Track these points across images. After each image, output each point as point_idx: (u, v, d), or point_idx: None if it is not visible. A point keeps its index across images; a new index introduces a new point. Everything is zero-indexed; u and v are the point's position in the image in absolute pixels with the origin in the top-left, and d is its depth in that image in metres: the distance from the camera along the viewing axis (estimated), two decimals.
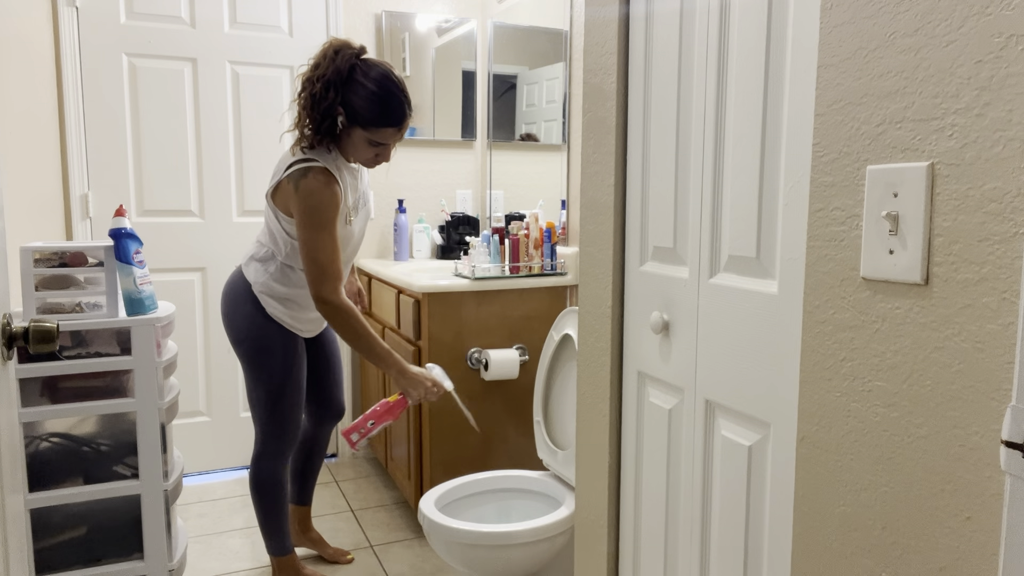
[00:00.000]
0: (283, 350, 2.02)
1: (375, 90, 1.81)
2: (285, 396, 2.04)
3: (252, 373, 2.03)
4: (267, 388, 2.02)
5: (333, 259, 1.83)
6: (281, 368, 2.02)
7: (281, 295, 1.99)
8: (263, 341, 2.00)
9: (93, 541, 1.79)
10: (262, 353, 2.00)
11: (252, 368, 2.02)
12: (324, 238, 1.81)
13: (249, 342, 2.00)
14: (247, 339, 2.00)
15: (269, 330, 2.00)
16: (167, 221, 2.98)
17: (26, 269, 1.65)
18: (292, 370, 2.04)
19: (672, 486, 1.34)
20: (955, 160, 0.75)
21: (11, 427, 1.00)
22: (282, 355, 2.02)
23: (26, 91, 2.35)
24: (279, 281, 1.98)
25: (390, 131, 1.86)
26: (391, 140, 1.89)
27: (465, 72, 3.32)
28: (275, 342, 2.01)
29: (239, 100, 3.04)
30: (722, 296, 1.18)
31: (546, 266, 2.51)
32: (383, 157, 1.92)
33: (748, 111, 1.10)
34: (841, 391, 0.90)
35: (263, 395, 2.02)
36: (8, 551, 0.96)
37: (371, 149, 1.88)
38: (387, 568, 2.35)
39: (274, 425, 2.05)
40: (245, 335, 2.00)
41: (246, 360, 2.02)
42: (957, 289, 0.76)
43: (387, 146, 1.90)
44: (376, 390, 2.96)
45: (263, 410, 2.04)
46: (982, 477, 0.74)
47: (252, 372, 2.03)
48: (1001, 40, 0.70)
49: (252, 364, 2.01)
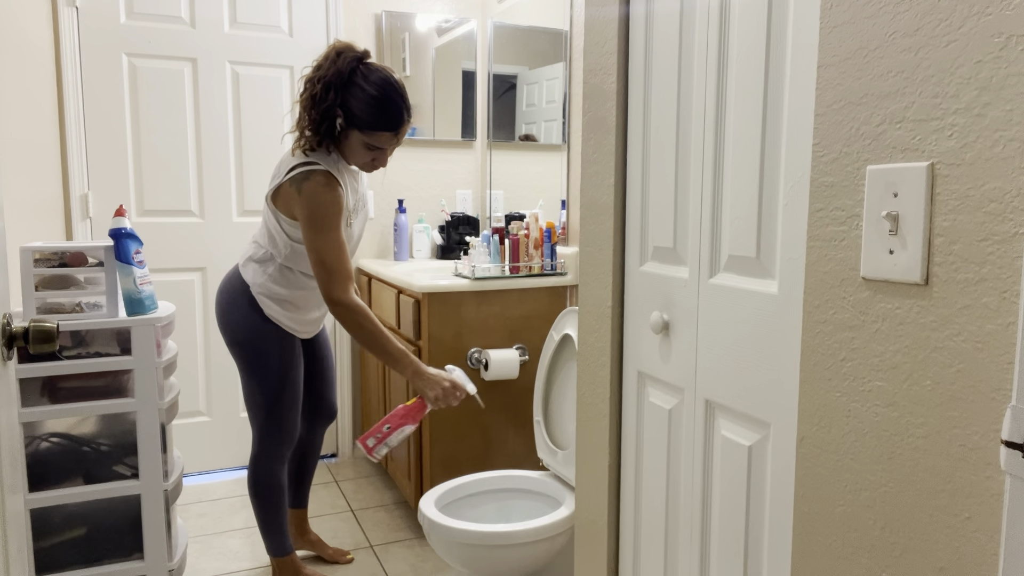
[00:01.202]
0: (280, 351, 2.01)
1: (374, 94, 1.81)
2: (283, 397, 2.03)
3: (249, 374, 2.02)
4: (264, 389, 2.01)
5: (341, 260, 1.83)
6: (279, 369, 2.01)
7: (279, 296, 1.98)
8: (261, 342, 1.99)
9: (93, 541, 1.79)
10: (260, 354, 1.99)
11: (249, 369, 2.01)
12: (330, 240, 1.81)
13: (247, 343, 1.99)
14: (244, 340, 1.99)
15: (267, 331, 1.99)
16: (167, 221, 2.98)
17: (26, 269, 1.65)
18: (290, 371, 2.04)
19: (672, 486, 1.34)
20: (955, 160, 0.75)
21: (11, 427, 1.00)
22: (279, 356, 2.01)
23: (26, 91, 2.35)
24: (277, 282, 1.98)
25: (387, 135, 1.86)
26: (388, 145, 1.88)
27: (465, 72, 3.32)
28: (272, 343, 2.00)
29: (239, 100, 3.04)
30: (722, 296, 1.18)
31: (546, 266, 2.51)
32: (380, 162, 1.91)
33: (748, 111, 1.10)
34: (841, 391, 0.90)
35: (260, 396, 2.02)
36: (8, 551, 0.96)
37: (368, 153, 1.88)
38: (387, 568, 2.35)
39: (272, 426, 2.04)
40: (243, 336, 1.99)
41: (243, 361, 2.01)
42: (957, 289, 0.76)
43: (384, 151, 1.89)
44: (376, 390, 2.96)
45: (260, 411, 2.03)
46: (982, 477, 0.74)
47: (249, 373, 2.02)
48: (1001, 40, 0.70)
49: (249, 365, 2.01)
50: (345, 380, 3.29)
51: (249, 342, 1.99)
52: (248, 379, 2.03)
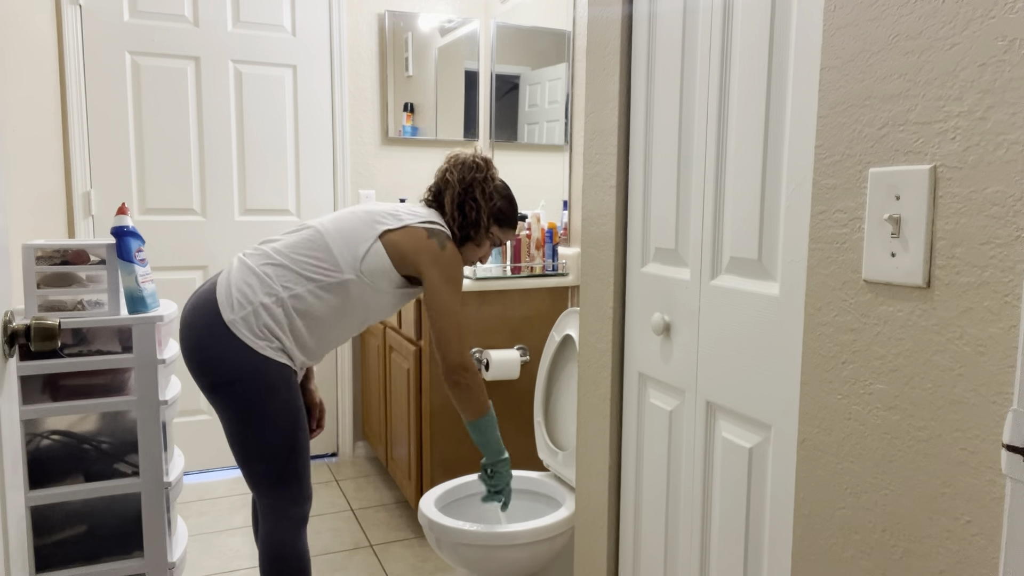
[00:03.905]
0: (287, 384, 1.62)
1: None
2: (298, 442, 1.64)
3: (254, 423, 1.58)
4: (276, 437, 1.60)
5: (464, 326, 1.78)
6: (287, 407, 1.61)
7: (316, 317, 1.65)
8: (264, 377, 1.58)
9: (93, 539, 1.79)
10: (266, 392, 1.58)
11: (253, 416, 1.58)
12: (459, 304, 1.75)
13: (247, 381, 1.57)
14: (244, 378, 1.56)
15: (268, 364, 1.59)
16: (169, 219, 2.98)
17: (28, 266, 1.66)
18: (300, 408, 1.65)
19: (672, 488, 1.34)
20: (957, 163, 0.75)
21: (12, 424, 1.00)
22: (287, 390, 1.61)
23: (29, 89, 2.36)
24: (313, 305, 1.64)
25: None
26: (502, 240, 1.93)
27: (468, 72, 3.32)
28: (276, 376, 1.60)
29: (241, 99, 3.04)
30: (723, 298, 1.18)
31: (547, 267, 2.51)
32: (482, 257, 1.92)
33: (751, 113, 1.10)
34: (842, 393, 0.90)
35: (273, 447, 1.60)
36: (8, 548, 0.97)
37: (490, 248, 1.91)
38: (387, 568, 2.35)
39: (292, 483, 1.63)
40: (241, 372, 1.56)
41: (242, 406, 1.58)
42: (959, 292, 0.75)
43: None
44: (376, 390, 2.96)
45: (274, 466, 1.61)
46: (983, 481, 0.74)
47: (254, 421, 1.58)
48: (1004, 43, 0.70)
49: (252, 410, 1.58)
50: (345, 380, 3.29)
51: (251, 379, 1.58)
52: (251, 429, 1.59)
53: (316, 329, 1.66)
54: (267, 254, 1.66)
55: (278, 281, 1.62)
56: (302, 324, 1.63)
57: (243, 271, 1.63)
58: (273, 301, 1.60)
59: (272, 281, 1.61)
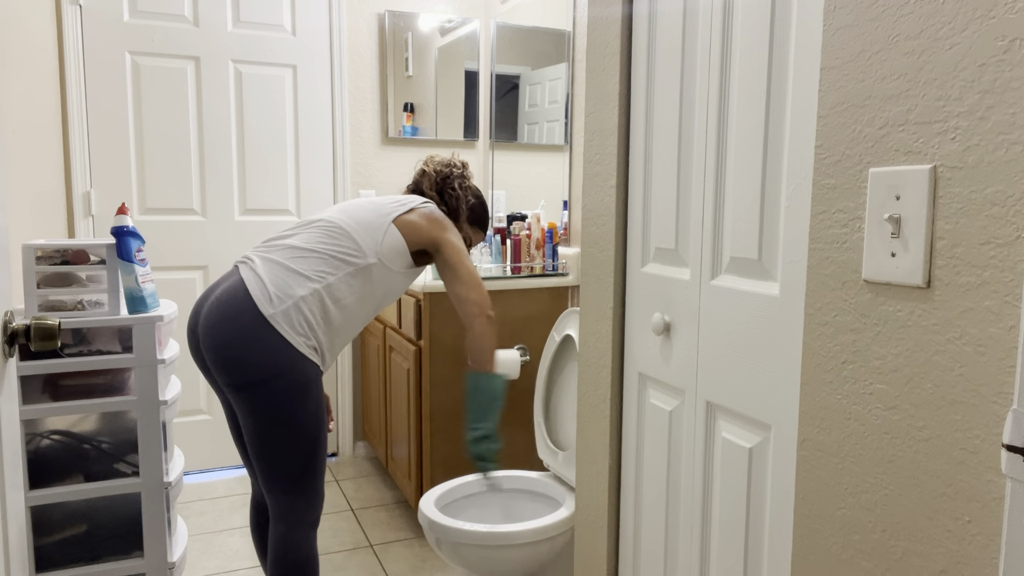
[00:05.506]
0: (317, 385, 1.61)
1: None
2: (321, 444, 1.62)
3: (283, 423, 1.55)
4: (303, 439, 1.58)
5: None
6: (317, 409, 1.60)
7: (345, 305, 1.66)
8: (300, 376, 1.55)
9: (93, 539, 1.79)
10: (299, 392, 1.55)
11: (284, 416, 1.54)
12: None
13: (284, 378, 1.53)
14: (281, 374, 1.53)
15: (305, 362, 1.57)
16: (169, 219, 2.98)
17: (28, 266, 1.66)
18: (324, 413, 1.65)
19: (672, 488, 1.34)
20: (958, 163, 0.75)
21: (12, 424, 1.00)
22: (317, 391, 1.61)
23: (29, 88, 2.35)
24: (345, 293, 1.65)
25: None
26: None
27: (468, 72, 3.32)
28: (311, 375, 1.58)
29: (241, 99, 3.04)
30: (723, 298, 1.18)
31: (548, 267, 2.51)
32: None
33: (751, 112, 1.10)
34: (842, 394, 0.90)
35: (299, 449, 1.57)
36: (8, 548, 0.97)
37: None
38: (387, 568, 2.35)
39: (310, 486, 1.61)
40: (279, 368, 1.53)
41: (274, 405, 1.54)
42: (959, 292, 0.75)
43: None
44: (376, 390, 2.96)
45: (297, 467, 1.58)
46: (983, 481, 0.74)
47: (284, 421, 1.55)
48: (1004, 43, 0.70)
49: (284, 409, 1.54)
50: (345, 380, 3.29)
51: (287, 377, 1.54)
52: (280, 429, 1.56)
53: (344, 318, 1.66)
54: (292, 247, 1.65)
55: (312, 271, 1.61)
56: (336, 312, 1.63)
57: (271, 267, 1.61)
58: (310, 292, 1.59)
59: (306, 273, 1.60)
